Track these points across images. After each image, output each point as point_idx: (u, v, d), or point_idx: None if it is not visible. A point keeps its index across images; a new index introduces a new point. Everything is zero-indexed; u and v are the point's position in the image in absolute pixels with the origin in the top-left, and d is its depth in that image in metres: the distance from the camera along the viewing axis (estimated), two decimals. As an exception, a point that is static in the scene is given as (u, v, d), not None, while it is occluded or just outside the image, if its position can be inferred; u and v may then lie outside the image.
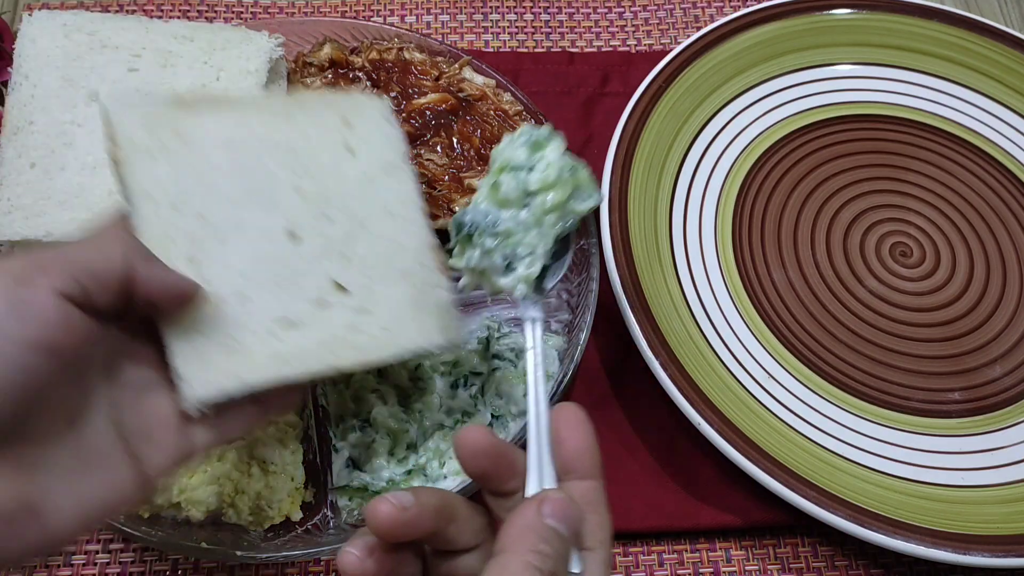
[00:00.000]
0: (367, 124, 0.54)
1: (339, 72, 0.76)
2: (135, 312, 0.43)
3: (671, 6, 0.93)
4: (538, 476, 0.42)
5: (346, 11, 0.90)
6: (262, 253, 0.48)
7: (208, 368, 0.44)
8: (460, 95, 0.75)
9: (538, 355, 0.47)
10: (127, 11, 0.88)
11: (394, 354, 0.49)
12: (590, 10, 0.92)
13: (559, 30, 0.91)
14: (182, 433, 0.44)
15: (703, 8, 0.93)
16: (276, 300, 0.47)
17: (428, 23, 0.90)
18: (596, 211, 0.70)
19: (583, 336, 0.65)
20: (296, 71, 0.76)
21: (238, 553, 0.56)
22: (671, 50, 0.79)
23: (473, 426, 0.43)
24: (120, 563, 0.63)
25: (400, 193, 0.54)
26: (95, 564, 0.63)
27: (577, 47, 0.90)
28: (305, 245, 0.49)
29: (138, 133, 0.47)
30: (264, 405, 0.48)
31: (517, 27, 0.91)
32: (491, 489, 0.43)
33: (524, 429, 0.62)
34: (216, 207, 0.48)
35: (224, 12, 0.89)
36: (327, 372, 0.47)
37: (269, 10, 0.90)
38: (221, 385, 0.44)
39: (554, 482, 0.42)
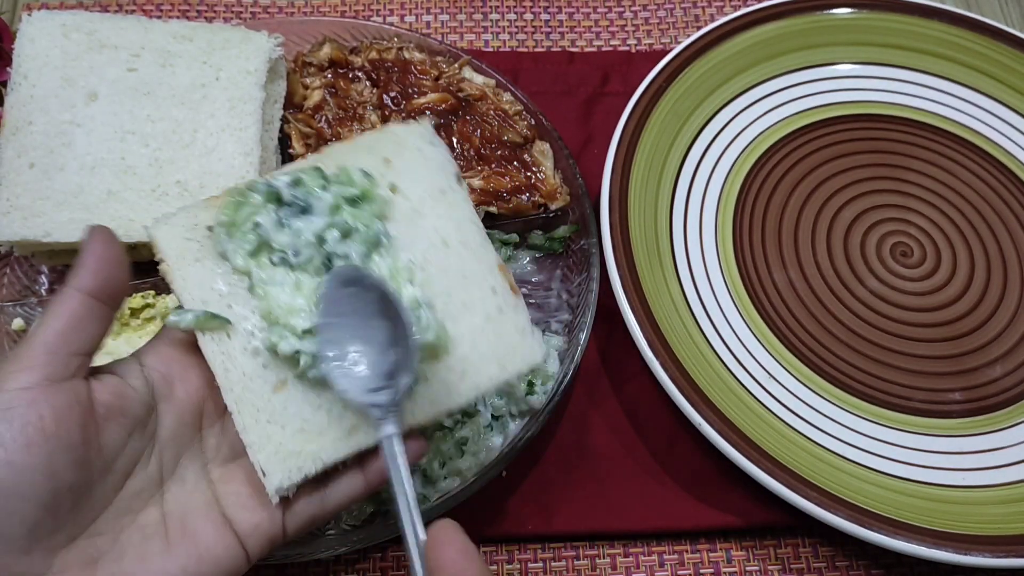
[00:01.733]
0: (408, 156, 0.52)
1: (339, 72, 0.76)
2: None
3: (671, 5, 0.93)
4: None
5: (346, 11, 0.90)
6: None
7: (286, 457, 0.43)
8: (460, 95, 0.75)
9: (404, 477, 0.42)
10: (126, 11, 0.88)
11: (473, 397, 0.47)
12: (590, 9, 0.92)
13: (559, 30, 0.91)
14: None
15: (703, 7, 0.93)
16: None
17: (428, 23, 0.90)
18: (596, 211, 0.70)
19: (583, 336, 0.65)
20: (296, 71, 0.76)
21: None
22: (671, 50, 0.79)
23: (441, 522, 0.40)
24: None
25: (453, 219, 0.50)
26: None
27: (577, 47, 0.90)
28: None
29: (179, 243, 0.46)
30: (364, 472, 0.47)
31: (517, 27, 0.91)
32: None
33: (525, 428, 0.63)
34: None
35: (223, 12, 0.89)
36: (404, 431, 0.45)
37: (268, 10, 0.90)
38: (300, 470, 0.43)
39: None
